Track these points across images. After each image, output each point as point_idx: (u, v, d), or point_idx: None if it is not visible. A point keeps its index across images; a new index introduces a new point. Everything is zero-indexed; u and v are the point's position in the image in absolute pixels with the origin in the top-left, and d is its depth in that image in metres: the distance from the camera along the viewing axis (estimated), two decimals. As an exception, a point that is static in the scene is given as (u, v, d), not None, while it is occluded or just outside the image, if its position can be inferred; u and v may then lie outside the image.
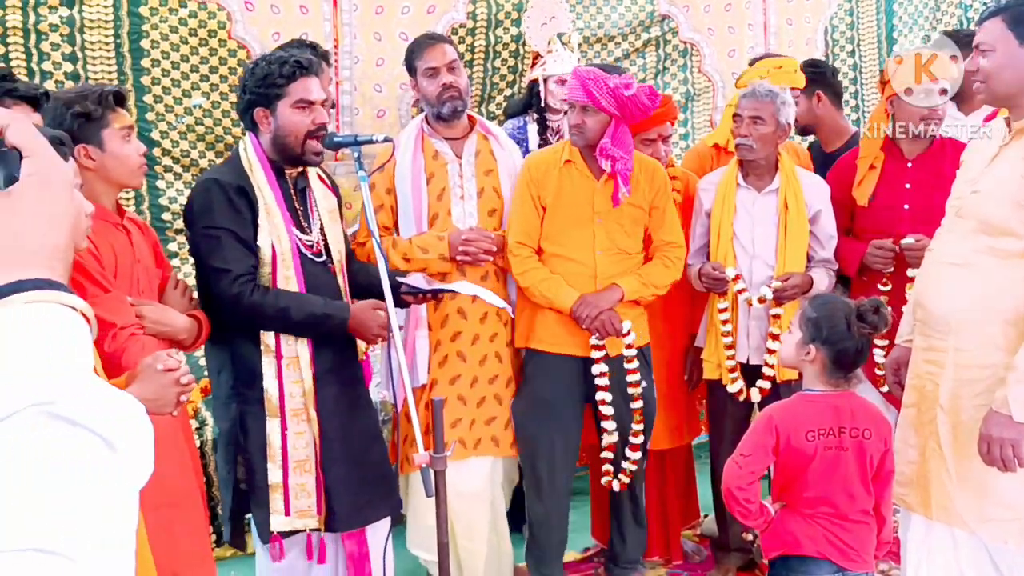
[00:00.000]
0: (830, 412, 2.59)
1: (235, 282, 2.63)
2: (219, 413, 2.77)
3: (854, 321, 2.56)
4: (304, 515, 2.73)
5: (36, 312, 0.77)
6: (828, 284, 3.54)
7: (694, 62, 4.97)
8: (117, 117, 2.43)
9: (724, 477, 2.64)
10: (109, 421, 0.74)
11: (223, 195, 2.64)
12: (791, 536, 2.63)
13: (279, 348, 2.69)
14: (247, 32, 3.97)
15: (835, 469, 2.58)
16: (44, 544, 0.65)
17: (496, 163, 3.41)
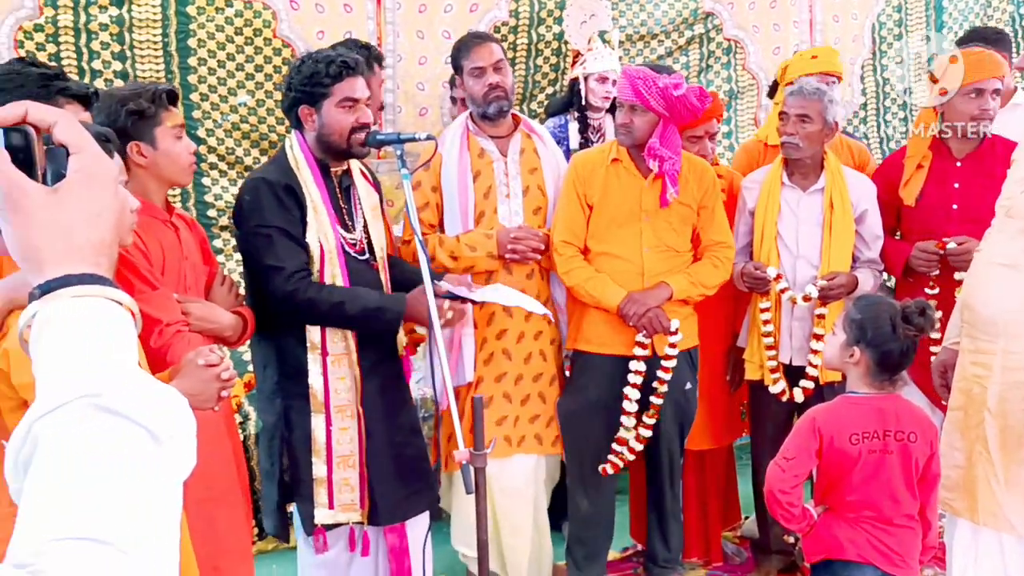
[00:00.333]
0: (875, 415, 2.55)
1: (289, 279, 2.64)
2: (264, 407, 2.80)
3: (899, 323, 2.52)
4: (348, 508, 2.75)
5: (83, 306, 0.78)
6: (873, 285, 3.49)
7: (738, 60, 4.93)
8: (170, 116, 2.45)
9: (767, 480, 2.61)
10: (154, 414, 0.75)
11: (272, 194, 2.66)
12: (834, 540, 2.59)
13: (325, 345, 2.71)
14: (292, 31, 4.01)
15: (879, 473, 2.55)
16: (94, 533, 0.67)
17: (540, 161, 3.41)
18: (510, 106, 3.37)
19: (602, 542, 3.51)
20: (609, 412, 3.34)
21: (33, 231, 0.79)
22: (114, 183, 0.83)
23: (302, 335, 2.71)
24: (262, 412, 2.81)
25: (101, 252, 0.81)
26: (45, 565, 0.64)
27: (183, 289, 2.47)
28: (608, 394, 3.33)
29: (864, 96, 5.22)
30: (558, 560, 3.61)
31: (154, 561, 0.69)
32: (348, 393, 2.73)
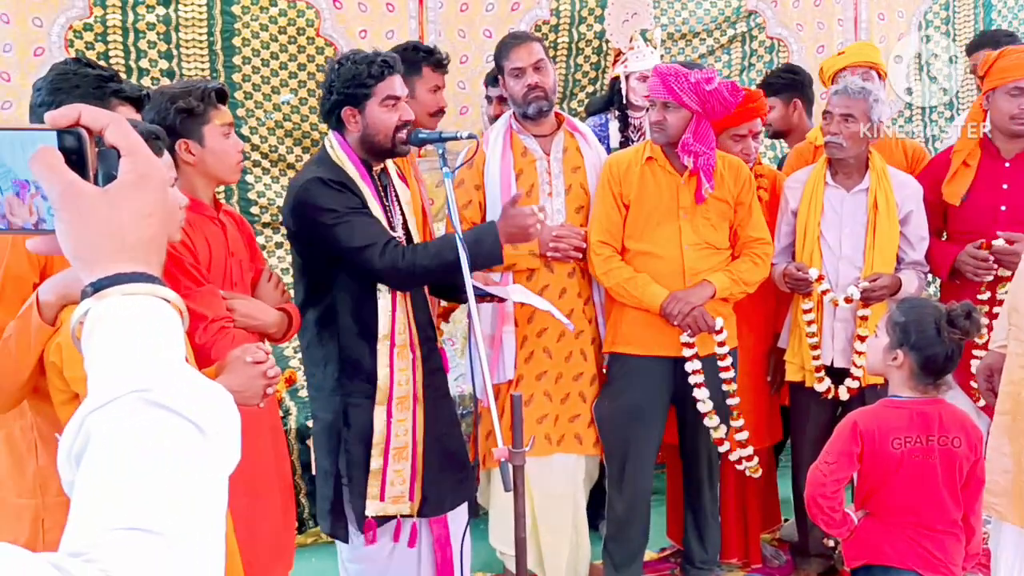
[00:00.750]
0: (918, 420, 2.52)
1: (384, 251, 2.64)
2: (322, 405, 2.79)
3: (944, 326, 2.48)
4: (397, 500, 2.76)
5: (133, 304, 0.80)
6: (918, 287, 3.44)
7: (781, 58, 4.89)
8: (218, 114, 2.46)
9: (808, 485, 2.59)
10: (200, 409, 0.76)
11: (331, 187, 2.67)
12: (876, 545, 2.56)
13: (393, 336, 2.72)
14: (335, 30, 4.05)
15: (922, 478, 2.51)
16: (144, 523, 0.68)
17: (583, 160, 3.40)
18: (550, 106, 3.36)
19: (639, 542, 3.50)
20: (649, 414, 3.33)
21: (86, 230, 0.81)
22: (163, 184, 0.85)
23: (363, 330, 2.72)
24: (320, 410, 2.79)
25: (151, 251, 0.83)
26: (98, 554, 0.66)
27: (229, 286, 2.49)
28: (648, 396, 3.32)
29: (909, 95, 5.15)
30: (595, 559, 3.60)
31: (201, 552, 0.71)
32: (407, 384, 2.75)
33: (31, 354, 1.89)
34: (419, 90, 3.26)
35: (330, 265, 2.72)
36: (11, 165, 0.82)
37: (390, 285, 2.71)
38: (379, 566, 2.82)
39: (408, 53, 3.26)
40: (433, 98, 3.31)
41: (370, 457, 2.72)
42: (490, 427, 3.22)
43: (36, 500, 2.08)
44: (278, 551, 2.53)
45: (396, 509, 2.77)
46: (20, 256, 2.04)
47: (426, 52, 3.34)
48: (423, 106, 3.24)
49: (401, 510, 2.77)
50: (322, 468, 2.81)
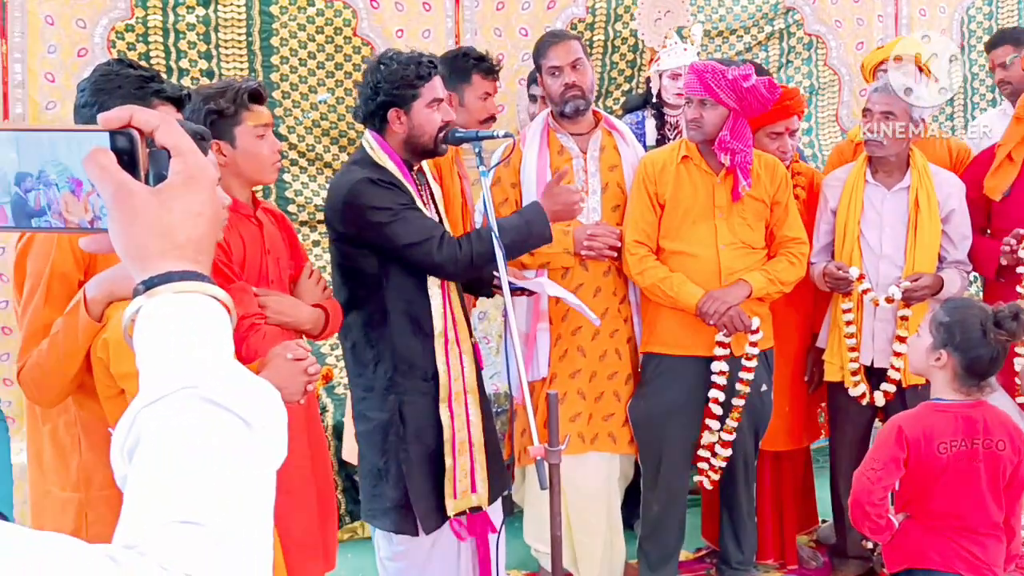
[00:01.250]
0: (963, 423, 2.49)
1: (441, 244, 2.66)
2: (372, 405, 2.77)
3: (990, 327, 2.44)
4: (465, 494, 2.77)
5: (184, 302, 0.81)
6: (960, 286, 3.39)
7: (819, 55, 4.84)
8: (251, 115, 2.44)
9: (854, 492, 2.55)
10: (249, 405, 0.78)
11: (382, 186, 2.67)
12: (918, 549, 2.54)
13: (447, 332, 2.74)
14: (372, 29, 4.07)
15: (967, 482, 2.49)
16: (195, 517, 0.70)
17: (620, 159, 3.39)
18: (587, 105, 3.35)
19: (674, 543, 3.48)
20: (684, 415, 3.32)
21: (137, 229, 0.82)
22: (212, 184, 0.87)
23: (416, 327, 2.73)
24: (371, 410, 2.78)
25: (200, 250, 0.84)
26: (151, 547, 0.67)
27: (265, 283, 2.49)
28: (683, 396, 3.30)
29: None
30: (630, 559, 3.59)
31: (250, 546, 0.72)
32: (460, 380, 2.76)
33: (78, 350, 1.93)
34: (469, 97, 3.27)
35: (381, 265, 2.72)
36: (67, 164, 0.84)
37: (447, 276, 2.72)
38: (419, 563, 2.82)
39: (458, 60, 3.27)
40: (483, 105, 3.31)
41: (433, 454, 2.73)
42: (525, 424, 3.23)
43: (80, 494, 2.12)
44: (314, 548, 2.54)
45: (466, 503, 2.78)
46: (65, 254, 2.08)
47: (476, 59, 3.33)
48: (473, 113, 3.26)
49: (469, 503, 2.78)
50: (374, 467, 2.80)
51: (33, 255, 2.09)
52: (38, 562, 0.62)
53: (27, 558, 0.62)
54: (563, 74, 3.29)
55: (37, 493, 2.26)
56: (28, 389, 2.06)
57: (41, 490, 2.23)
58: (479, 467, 2.79)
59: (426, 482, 2.74)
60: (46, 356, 1.97)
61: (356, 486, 3.86)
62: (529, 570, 3.69)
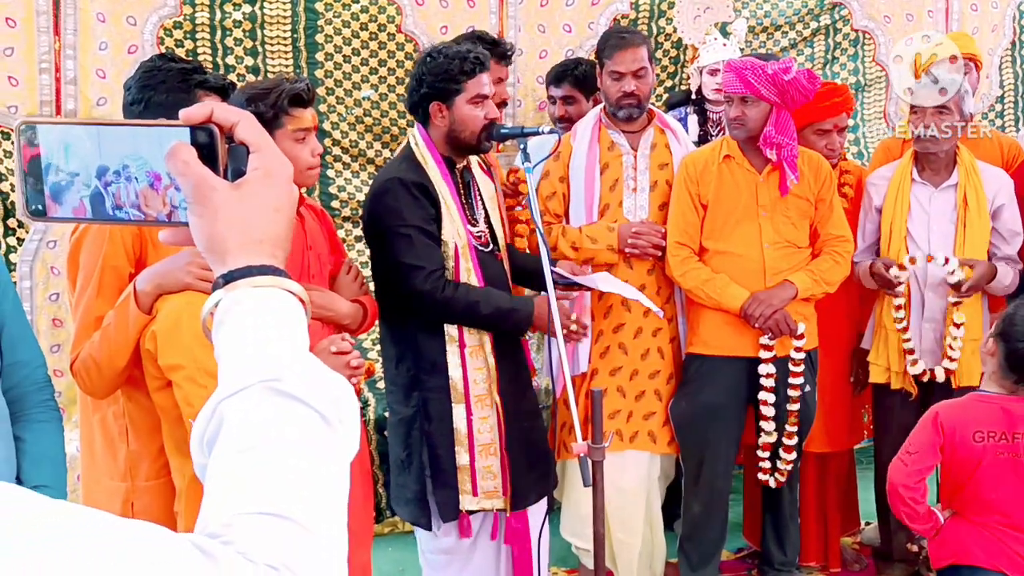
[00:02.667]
0: (1001, 415, 2.50)
1: (428, 278, 2.67)
2: (399, 399, 2.81)
3: None
4: (491, 496, 2.78)
5: (261, 296, 0.82)
6: (1013, 279, 3.33)
7: (866, 51, 4.77)
8: (291, 119, 2.39)
9: (890, 475, 2.58)
10: (325, 399, 0.79)
11: (409, 194, 2.68)
12: (962, 545, 2.53)
13: (462, 338, 2.75)
14: (416, 26, 4.09)
15: (1008, 476, 2.47)
16: (278, 509, 0.70)
17: (672, 157, 3.36)
18: (641, 112, 3.32)
19: (715, 543, 3.46)
20: (727, 415, 3.29)
21: (218, 224, 0.83)
22: (290, 180, 0.88)
23: (438, 329, 2.74)
24: (397, 404, 2.82)
25: (278, 245, 0.86)
26: (233, 536, 0.68)
27: (306, 278, 2.50)
28: (726, 398, 3.28)
29: (1002, 88, 4.98)
30: (671, 557, 3.58)
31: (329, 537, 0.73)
32: (484, 383, 2.77)
33: (128, 342, 1.96)
34: None
35: None
36: (147, 158, 0.85)
37: (418, 310, 2.72)
38: (461, 558, 2.84)
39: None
40: (496, 89, 3.30)
41: (454, 452, 2.75)
42: (565, 419, 3.23)
43: (127, 483, 2.16)
44: (359, 537, 2.57)
45: (491, 504, 2.79)
46: (117, 247, 2.11)
47: (491, 43, 3.36)
48: None
49: (495, 504, 2.79)
50: (398, 459, 2.83)
51: (86, 249, 2.13)
52: (124, 548, 0.63)
53: (115, 544, 0.63)
54: (624, 80, 3.26)
55: (89, 481, 2.31)
56: (81, 380, 2.10)
57: (92, 478, 2.27)
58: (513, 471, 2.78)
59: (447, 477, 2.76)
60: (98, 348, 2.01)
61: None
62: (569, 567, 3.68)
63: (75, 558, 0.60)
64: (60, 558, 0.60)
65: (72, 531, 0.62)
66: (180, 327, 1.91)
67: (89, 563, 0.61)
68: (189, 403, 1.89)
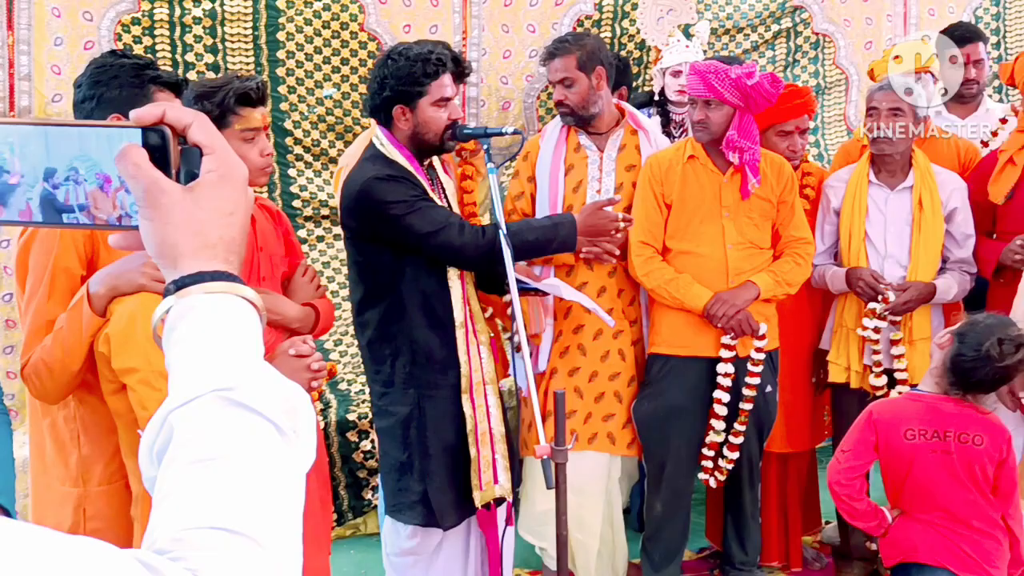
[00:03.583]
0: (931, 414, 2.55)
1: (461, 229, 2.68)
2: (393, 400, 2.78)
3: (993, 341, 2.48)
4: (488, 486, 2.78)
5: (214, 302, 0.80)
6: (958, 291, 3.38)
7: (827, 54, 4.82)
8: (239, 119, 2.34)
9: (828, 474, 2.64)
10: (280, 409, 0.77)
11: (395, 180, 2.67)
12: (909, 543, 2.60)
13: (467, 323, 2.74)
14: (379, 24, 4.06)
15: (942, 474, 2.53)
16: (229, 524, 0.68)
17: (641, 159, 3.36)
18: (576, 120, 3.31)
19: (677, 543, 3.47)
20: (689, 415, 3.30)
21: (169, 228, 0.81)
22: (245, 183, 0.86)
23: (438, 318, 2.73)
24: (391, 405, 2.78)
25: (232, 250, 0.84)
26: (183, 552, 0.66)
27: (256, 280, 2.45)
28: (688, 398, 3.29)
29: (958, 92, 5.05)
30: (634, 558, 3.58)
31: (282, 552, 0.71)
32: (480, 370, 2.78)
33: (81, 345, 1.92)
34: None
35: (398, 259, 2.72)
36: (96, 159, 0.83)
37: (467, 260, 2.74)
38: (426, 559, 2.82)
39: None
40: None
41: (452, 447, 2.74)
42: (530, 417, 3.22)
43: (79, 489, 2.12)
44: (317, 542, 2.54)
45: (490, 495, 2.78)
46: (68, 249, 2.07)
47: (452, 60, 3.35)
48: None
49: (493, 494, 2.79)
50: (397, 462, 2.80)
51: (36, 251, 2.08)
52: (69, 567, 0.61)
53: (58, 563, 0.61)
54: (556, 89, 3.31)
55: (39, 487, 2.26)
56: (32, 385, 2.05)
57: (43, 484, 2.22)
58: (500, 457, 2.80)
59: (445, 476, 2.75)
60: (50, 352, 1.97)
61: (359, 482, 3.86)
62: (532, 568, 3.68)
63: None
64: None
65: (10, 550, 0.59)
66: (135, 329, 1.87)
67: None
68: (144, 407, 1.85)
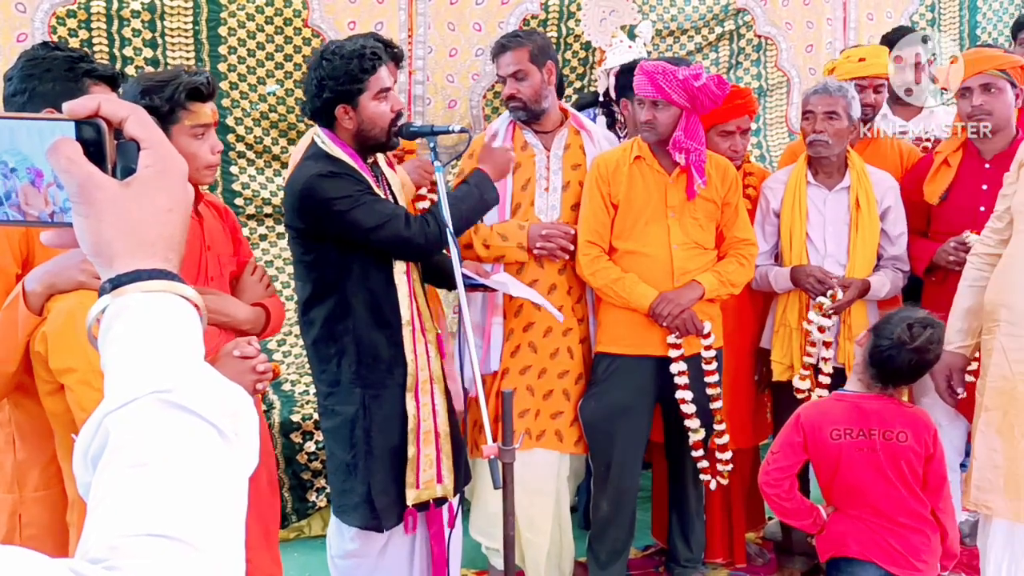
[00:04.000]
0: (856, 412, 2.61)
1: (408, 223, 2.66)
2: (339, 399, 2.75)
3: (904, 327, 2.57)
4: (429, 485, 2.76)
5: (153, 302, 0.78)
6: (891, 288, 3.46)
7: (768, 57, 4.89)
8: (188, 115, 2.26)
9: (759, 475, 2.69)
10: (221, 411, 0.75)
11: (338, 176, 2.63)
12: (840, 538, 2.66)
13: (413, 321, 2.73)
14: (323, 20, 4.01)
15: (868, 471, 2.58)
16: (168, 530, 0.66)
17: (585, 158, 3.38)
18: (528, 115, 3.32)
19: (623, 541, 3.49)
20: (636, 415, 3.32)
21: (105, 225, 0.78)
22: (184, 178, 0.83)
23: (383, 317, 2.71)
24: (338, 404, 2.74)
25: (171, 248, 0.81)
26: (119, 561, 0.64)
27: (204, 280, 2.39)
28: (635, 397, 3.31)
29: (896, 95, 5.17)
30: (580, 556, 3.59)
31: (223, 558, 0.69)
32: (427, 369, 2.77)
33: (17, 345, 1.86)
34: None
35: (344, 257, 2.69)
36: (27, 153, 0.80)
37: (418, 252, 2.72)
38: (371, 561, 2.80)
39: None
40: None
41: (396, 447, 2.72)
42: (477, 417, 3.22)
43: (14, 495, 2.06)
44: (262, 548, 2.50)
45: (429, 494, 2.77)
46: (2, 247, 2.01)
47: (384, 45, 3.33)
48: None
49: (433, 493, 2.78)
50: (343, 462, 2.77)
51: (-33, 248, 2.02)
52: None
53: None
54: (507, 84, 3.30)
55: (-28, 494, 2.18)
56: (-35, 386, 1.98)
57: (-24, 490, 2.15)
58: (445, 457, 2.79)
59: (388, 476, 2.73)
60: (-16, 352, 1.90)
61: (303, 484, 3.81)
62: (479, 568, 3.66)
63: None
64: None
65: None
66: (73, 328, 1.82)
67: None
68: (83, 408, 1.80)
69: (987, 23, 5.27)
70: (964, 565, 3.67)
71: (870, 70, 3.82)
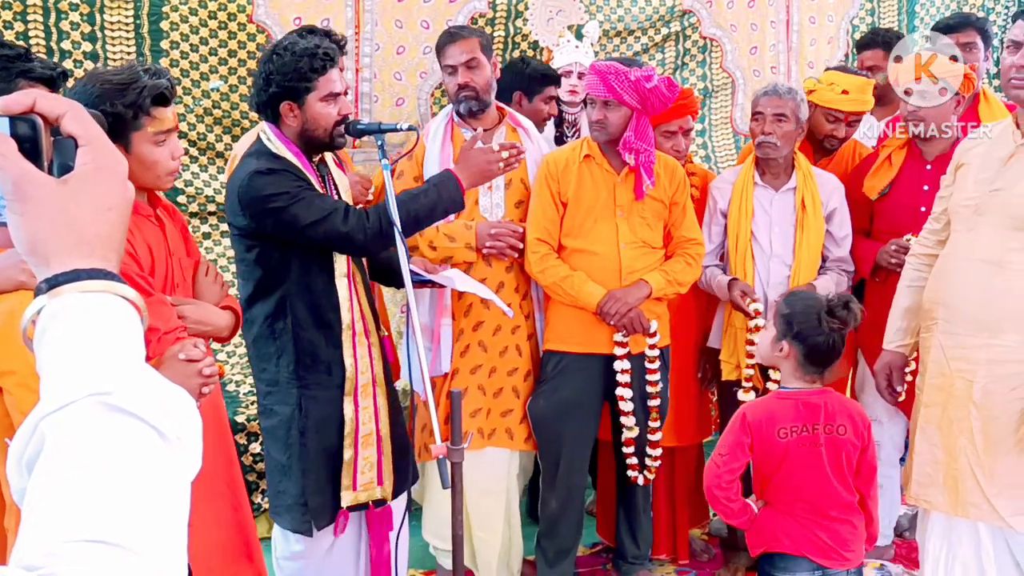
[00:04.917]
0: (803, 409, 2.64)
1: (347, 215, 2.61)
2: (277, 399, 2.72)
3: (824, 316, 2.60)
4: (368, 487, 2.75)
5: (91, 302, 0.76)
6: (836, 290, 3.50)
7: (714, 58, 4.95)
8: (152, 121, 2.18)
9: (704, 477, 2.69)
10: (163, 413, 0.73)
11: (275, 174, 2.59)
12: (772, 533, 2.69)
13: (354, 324, 2.71)
14: (268, 16, 3.95)
15: (809, 466, 2.62)
16: (105, 535, 0.64)
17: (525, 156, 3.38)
18: (480, 105, 3.32)
19: (572, 538, 3.51)
20: (583, 412, 3.34)
21: (41, 223, 0.77)
22: (123, 176, 0.82)
23: (323, 318, 2.68)
24: (276, 404, 2.72)
25: (110, 247, 0.79)
26: (56, 568, 0.62)
27: (171, 287, 2.34)
28: (583, 395, 3.33)
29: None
30: (528, 555, 3.60)
31: (165, 564, 0.67)
32: (368, 372, 2.75)
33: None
34: None
35: (285, 257, 2.67)
36: None
37: (358, 247, 2.68)
38: (316, 563, 2.77)
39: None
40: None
41: (332, 448, 2.70)
42: (426, 420, 3.21)
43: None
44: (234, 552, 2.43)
45: (368, 496, 2.76)
46: (-63, 245, 1.94)
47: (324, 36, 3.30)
48: None
49: (373, 495, 2.76)
50: (279, 463, 2.74)
51: (-100, 246, 1.94)
52: None
53: None
54: (458, 73, 3.28)
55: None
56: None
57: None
58: (386, 460, 2.78)
59: (323, 478, 2.71)
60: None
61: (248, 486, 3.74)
62: (427, 568, 3.65)
63: None
64: None
65: None
66: (13, 329, 1.76)
67: None
68: (21, 411, 1.75)
69: (924, 28, 5.39)
70: (903, 558, 3.76)
71: (852, 106, 3.71)
